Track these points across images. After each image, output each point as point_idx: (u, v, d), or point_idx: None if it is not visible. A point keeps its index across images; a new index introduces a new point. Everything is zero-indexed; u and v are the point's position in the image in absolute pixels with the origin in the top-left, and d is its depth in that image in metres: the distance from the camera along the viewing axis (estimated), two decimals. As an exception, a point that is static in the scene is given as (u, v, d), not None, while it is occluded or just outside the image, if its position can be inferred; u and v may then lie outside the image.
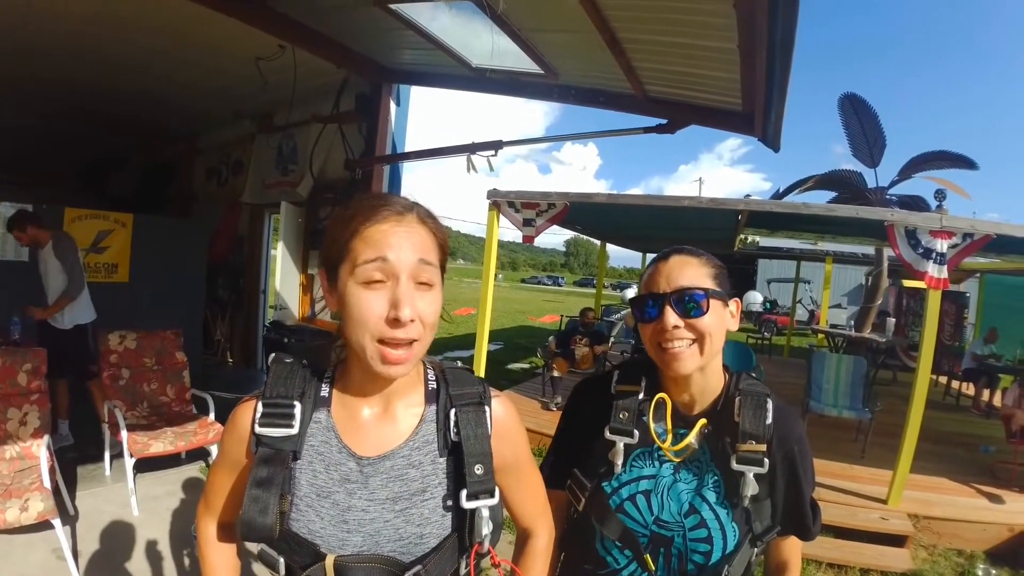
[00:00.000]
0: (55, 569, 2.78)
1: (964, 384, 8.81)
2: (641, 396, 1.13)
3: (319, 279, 0.89)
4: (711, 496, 1.06)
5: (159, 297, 6.03)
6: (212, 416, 4.13)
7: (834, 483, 4.36)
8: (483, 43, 4.06)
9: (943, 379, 9.26)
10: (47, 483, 2.89)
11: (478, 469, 0.88)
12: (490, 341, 6.41)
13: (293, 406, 0.86)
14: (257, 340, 7.49)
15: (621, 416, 1.12)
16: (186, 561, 3.03)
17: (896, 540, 3.81)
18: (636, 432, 1.10)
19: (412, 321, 0.79)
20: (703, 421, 1.08)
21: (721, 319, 1.05)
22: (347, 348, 0.89)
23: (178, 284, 6.45)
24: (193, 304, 6.78)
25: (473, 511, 0.87)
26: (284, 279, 6.40)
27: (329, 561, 0.83)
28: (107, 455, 3.97)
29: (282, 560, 0.85)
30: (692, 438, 1.07)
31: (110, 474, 3.91)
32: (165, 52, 5.43)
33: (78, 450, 4.20)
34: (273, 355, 0.93)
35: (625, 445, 1.10)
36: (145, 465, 3.79)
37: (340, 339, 0.93)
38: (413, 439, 0.90)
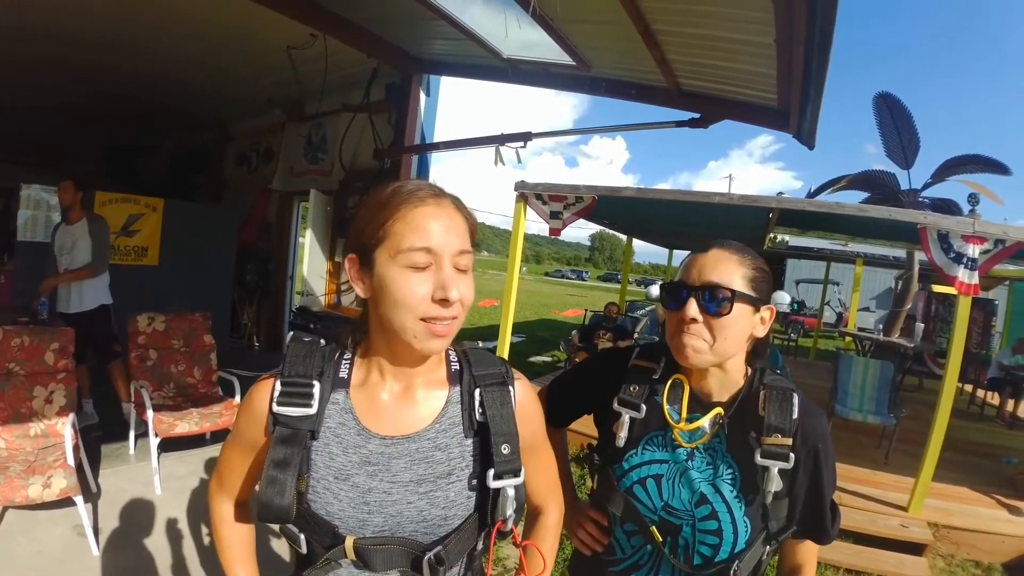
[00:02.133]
0: (76, 545, 2.83)
1: (989, 393, 8.61)
2: (657, 376, 1.13)
3: (346, 265, 0.88)
4: (726, 488, 1.05)
5: (188, 281, 6.13)
6: (238, 398, 4.18)
7: (856, 488, 4.31)
8: (515, 33, 4.05)
9: (968, 387, 9.06)
10: (71, 461, 2.95)
11: (505, 448, 0.88)
12: (513, 333, 6.41)
13: (312, 385, 0.86)
14: (283, 325, 7.58)
15: (631, 389, 1.12)
16: (206, 540, 3.07)
17: (915, 548, 3.76)
18: (644, 407, 1.10)
19: (457, 301, 0.81)
20: (719, 409, 1.08)
21: (745, 323, 1.04)
22: (373, 330, 0.89)
23: (207, 269, 6.55)
24: (221, 289, 6.89)
25: (498, 491, 0.87)
26: (311, 266, 6.46)
27: (349, 543, 0.84)
28: (132, 434, 4.03)
29: (303, 536, 0.86)
30: (705, 421, 1.07)
31: (134, 453, 3.97)
32: (198, 38, 5.48)
33: (102, 429, 4.27)
34: (291, 334, 0.93)
35: (632, 420, 1.11)
36: (169, 445, 3.86)
37: (362, 322, 0.94)
38: (439, 421, 0.90)
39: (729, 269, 1.03)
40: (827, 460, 1.05)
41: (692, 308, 1.02)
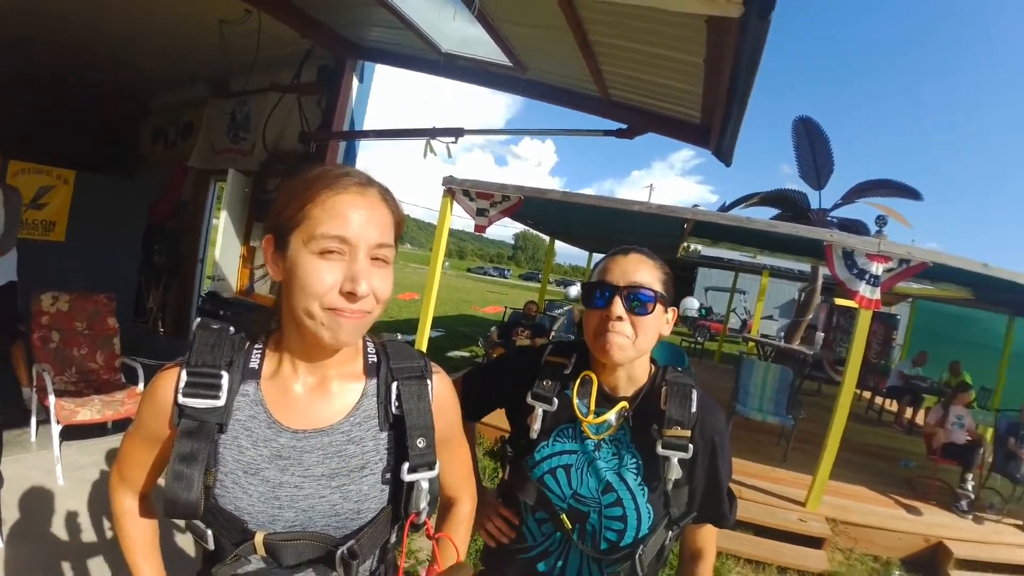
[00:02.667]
0: (-25, 534, 2.64)
1: (887, 401, 9.29)
2: (568, 371, 1.19)
3: (264, 247, 0.85)
4: (630, 477, 1.12)
5: (94, 258, 5.74)
6: (141, 386, 3.98)
7: (756, 483, 4.55)
8: (454, 29, 4.05)
9: (867, 394, 9.76)
10: (-29, 446, 2.73)
11: (420, 442, 0.88)
12: (432, 327, 6.40)
13: (220, 376, 0.82)
14: (191, 310, 7.23)
15: (545, 383, 1.18)
16: (109, 533, 2.93)
17: (814, 542, 4.00)
18: (556, 401, 1.16)
19: (367, 295, 0.79)
20: (624, 403, 1.15)
21: (659, 322, 1.12)
22: (285, 318, 0.86)
23: (114, 246, 6.13)
24: (128, 268, 6.46)
25: (412, 484, 0.87)
26: (224, 249, 6.19)
27: (259, 539, 0.82)
28: (33, 420, 3.78)
29: (210, 532, 0.83)
30: (611, 415, 1.14)
31: (35, 440, 3.74)
32: (125, 8, 5.16)
33: (2, 414, 3.98)
34: (199, 320, 0.88)
35: (544, 413, 1.17)
36: (71, 433, 3.63)
37: (276, 311, 0.90)
38: (354, 414, 0.88)
39: (650, 272, 1.11)
40: (723, 451, 1.14)
41: (618, 307, 1.08)
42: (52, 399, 3.41)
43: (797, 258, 9.65)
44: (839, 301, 12.27)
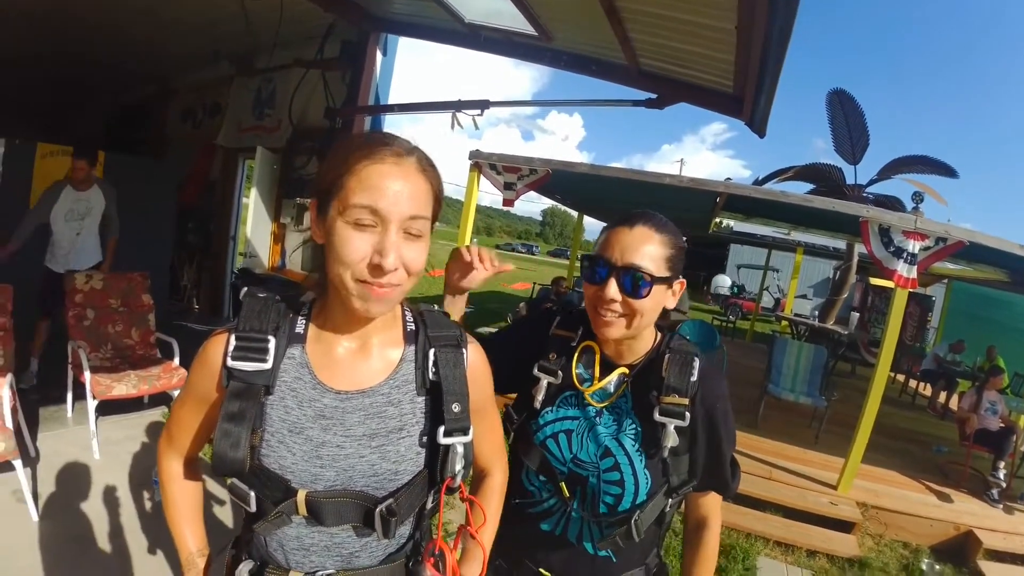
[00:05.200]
0: (14, 511, 2.73)
1: (921, 384, 9.07)
2: (575, 343, 1.20)
3: (310, 208, 0.86)
4: (628, 442, 1.12)
5: (127, 239, 5.86)
6: (176, 360, 4.07)
7: (787, 465, 4.49)
8: (478, -1, 3.96)
9: (901, 377, 9.53)
10: (8, 423, 2.83)
11: (455, 407, 0.90)
12: (462, 304, 6.38)
13: (267, 340, 0.85)
14: (224, 288, 7.33)
15: (551, 356, 1.19)
16: (146, 505, 2.99)
17: (844, 526, 3.94)
18: (560, 373, 1.17)
19: (396, 269, 0.78)
20: (623, 369, 1.15)
21: (660, 300, 1.09)
22: (329, 283, 0.87)
23: (147, 226, 6.20)
24: (161, 247, 6.58)
25: (447, 448, 0.89)
26: (255, 227, 6.26)
27: (301, 496, 0.84)
28: (69, 396, 3.88)
29: (253, 494, 0.85)
30: (607, 381, 1.15)
31: (72, 416, 3.83)
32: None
33: (41, 391, 4.10)
34: (246, 288, 0.91)
35: (548, 384, 1.18)
36: (107, 408, 3.74)
37: (313, 279, 0.93)
38: (393, 377, 0.90)
39: (652, 250, 1.06)
40: (725, 419, 1.13)
41: (612, 289, 1.06)
42: (88, 375, 3.47)
43: (832, 235, 9.44)
44: (874, 281, 11.98)
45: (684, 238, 1.16)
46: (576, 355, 1.18)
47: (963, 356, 8.79)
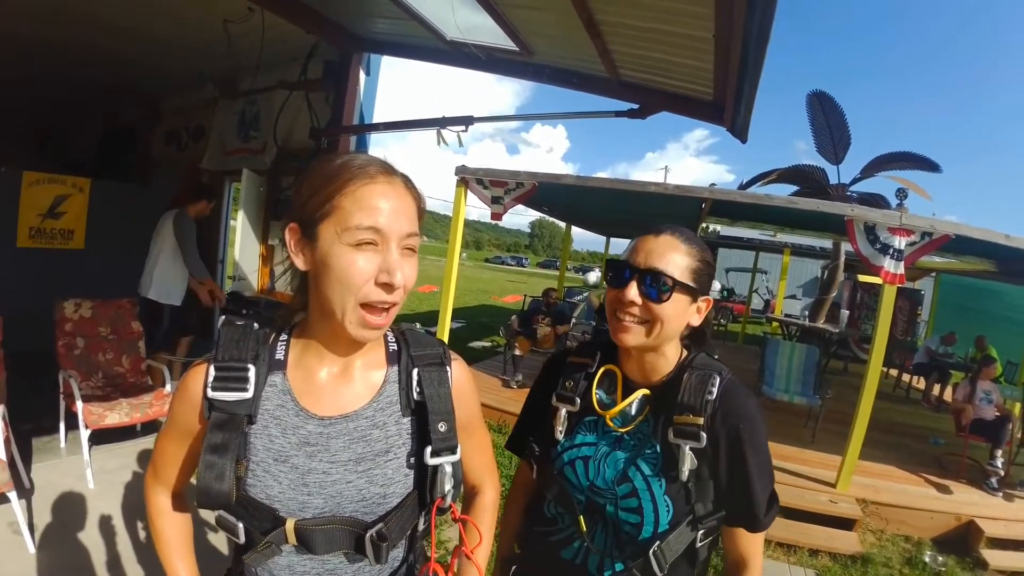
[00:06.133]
0: (10, 543, 2.69)
1: (914, 378, 9.13)
2: (592, 368, 1.17)
3: (287, 236, 0.85)
4: (645, 467, 1.06)
5: (114, 265, 5.84)
6: (168, 387, 4.04)
7: (784, 465, 4.51)
8: (458, 16, 3.99)
9: (894, 372, 9.60)
10: (2, 455, 2.80)
11: (442, 427, 0.89)
12: (453, 319, 6.39)
13: (247, 369, 0.84)
14: (215, 311, 7.29)
15: (567, 384, 1.17)
16: (142, 534, 2.96)
17: (845, 523, 3.95)
18: (578, 400, 1.15)
19: (400, 286, 0.80)
20: (644, 391, 1.11)
21: (682, 311, 1.06)
22: (312, 308, 0.87)
23: (134, 252, 6.22)
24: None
25: (436, 468, 0.88)
26: (243, 249, 6.22)
27: (290, 525, 0.83)
28: (62, 426, 3.84)
29: (241, 525, 0.85)
30: (627, 403, 1.11)
31: (65, 446, 3.79)
32: (131, 9, 5.15)
33: (33, 421, 4.03)
34: (223, 318, 0.90)
35: (568, 413, 1.15)
36: (100, 437, 3.70)
37: (300, 300, 0.92)
38: (376, 400, 0.90)
39: (677, 258, 1.04)
40: (753, 441, 1.02)
41: (632, 291, 1.03)
42: (80, 404, 3.45)
43: (818, 235, 9.52)
44: (862, 278, 12.08)
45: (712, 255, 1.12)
46: (596, 379, 1.15)
47: (955, 348, 8.87)
